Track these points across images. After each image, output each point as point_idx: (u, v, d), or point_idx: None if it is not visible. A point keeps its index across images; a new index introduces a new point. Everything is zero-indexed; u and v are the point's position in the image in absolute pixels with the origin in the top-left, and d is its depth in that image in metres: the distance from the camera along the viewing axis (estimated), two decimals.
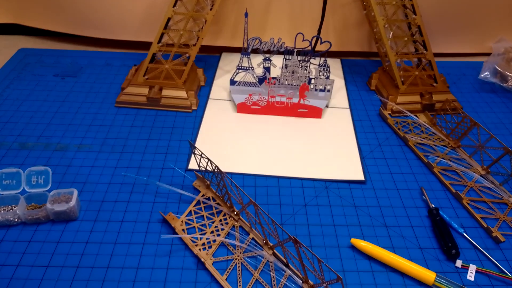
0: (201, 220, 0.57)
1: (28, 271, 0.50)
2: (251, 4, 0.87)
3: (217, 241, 0.54)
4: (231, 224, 0.56)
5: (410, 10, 0.78)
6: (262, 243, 0.54)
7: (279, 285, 0.50)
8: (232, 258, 0.53)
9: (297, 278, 0.50)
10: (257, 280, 0.50)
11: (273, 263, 0.52)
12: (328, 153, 0.69)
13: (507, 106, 0.82)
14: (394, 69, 0.78)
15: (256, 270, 0.51)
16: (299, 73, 0.71)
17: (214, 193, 0.60)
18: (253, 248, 0.54)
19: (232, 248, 0.54)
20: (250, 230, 0.56)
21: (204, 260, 0.52)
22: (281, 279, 0.50)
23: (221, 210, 0.58)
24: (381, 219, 0.59)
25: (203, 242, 0.54)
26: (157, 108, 0.78)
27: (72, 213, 0.56)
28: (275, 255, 0.53)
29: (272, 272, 0.51)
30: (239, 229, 0.56)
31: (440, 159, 0.68)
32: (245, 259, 0.52)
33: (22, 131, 0.71)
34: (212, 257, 0.52)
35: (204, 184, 0.61)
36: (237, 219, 0.57)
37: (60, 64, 0.89)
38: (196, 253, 0.52)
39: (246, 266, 0.52)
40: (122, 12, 0.89)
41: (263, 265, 0.52)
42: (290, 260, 0.50)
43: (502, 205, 0.61)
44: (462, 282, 0.51)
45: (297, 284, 0.50)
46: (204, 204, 0.59)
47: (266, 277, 0.51)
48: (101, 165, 0.65)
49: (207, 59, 0.93)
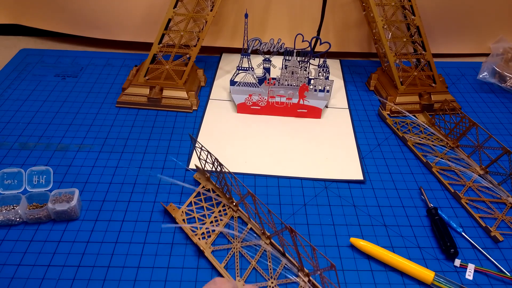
0: (201, 211, 0.58)
1: (29, 271, 0.51)
2: (251, 5, 0.87)
3: (216, 231, 0.55)
4: (230, 215, 0.57)
5: (409, 11, 0.79)
6: (260, 233, 0.55)
7: (275, 273, 0.51)
8: (230, 247, 0.54)
9: (293, 267, 0.51)
10: (254, 268, 0.52)
11: (270, 252, 0.53)
12: (328, 153, 0.70)
13: (505, 106, 0.82)
14: (393, 69, 0.79)
15: (253, 259, 0.52)
16: (299, 74, 0.72)
17: (214, 185, 0.61)
18: (251, 238, 0.55)
19: (231, 238, 0.55)
20: (249, 221, 0.57)
21: (203, 249, 0.53)
22: (278, 267, 0.51)
23: (220, 201, 0.59)
24: (380, 219, 0.59)
25: (202, 232, 0.55)
26: (158, 108, 0.78)
27: (73, 213, 0.56)
28: (272, 245, 0.54)
29: (269, 261, 0.52)
30: (237, 220, 0.57)
31: (439, 159, 0.68)
32: (243, 248, 0.54)
33: (23, 131, 0.71)
34: (211, 246, 0.54)
35: (204, 176, 0.63)
36: (235, 210, 0.58)
37: (61, 64, 0.90)
38: (195, 242, 0.54)
39: (244, 255, 0.53)
40: (123, 12, 0.89)
41: (261, 254, 0.53)
42: (287, 249, 0.51)
43: (501, 205, 0.61)
44: (460, 281, 0.51)
45: (293, 273, 0.51)
46: (204, 195, 0.60)
47: (263, 265, 0.52)
48: (102, 165, 0.65)
49: (207, 59, 0.93)
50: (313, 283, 0.50)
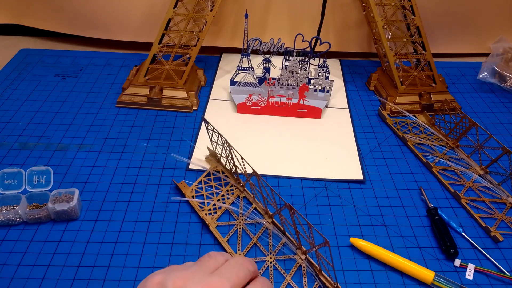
0: (210, 189, 0.62)
1: (29, 271, 0.51)
2: (251, 5, 0.87)
3: (222, 208, 0.59)
4: (236, 194, 0.61)
5: (409, 11, 0.79)
6: (263, 212, 0.58)
7: (274, 250, 0.54)
8: (234, 223, 0.57)
9: (291, 245, 0.54)
10: (255, 244, 0.55)
11: (271, 231, 0.56)
12: (328, 153, 0.70)
13: (505, 106, 0.82)
14: (393, 69, 0.79)
15: (255, 236, 0.55)
16: (299, 74, 0.72)
17: (223, 167, 0.65)
18: (255, 217, 0.58)
19: (235, 215, 0.58)
20: (253, 201, 0.60)
21: (209, 223, 0.56)
22: (277, 245, 0.54)
23: (228, 181, 0.63)
24: (380, 219, 0.59)
25: (209, 208, 0.59)
26: (158, 108, 0.78)
27: (73, 213, 0.56)
28: (273, 224, 0.57)
29: (270, 238, 0.55)
30: (243, 200, 0.60)
31: (439, 159, 0.68)
32: (246, 226, 0.57)
33: (23, 131, 0.71)
34: (216, 222, 0.57)
35: (215, 158, 0.66)
36: (242, 190, 0.61)
37: (61, 64, 0.90)
38: (202, 217, 0.57)
39: (246, 231, 0.56)
40: (123, 12, 0.89)
41: (262, 232, 0.56)
42: (287, 229, 0.54)
43: (501, 205, 0.61)
44: (460, 281, 0.51)
45: (292, 251, 0.54)
46: (214, 176, 0.64)
47: (264, 242, 0.55)
48: (102, 165, 0.65)
49: (207, 59, 0.93)
50: (308, 260, 0.52)
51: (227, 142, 0.57)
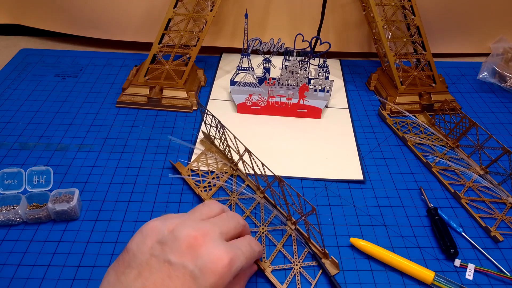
0: (204, 169, 0.65)
1: (29, 271, 0.51)
2: (251, 5, 0.87)
3: (217, 185, 0.62)
4: (230, 173, 0.64)
5: (409, 11, 0.79)
6: (255, 188, 0.62)
7: (266, 221, 0.57)
8: (228, 199, 0.61)
9: (282, 217, 0.58)
10: (248, 216, 0.58)
11: (263, 205, 0.60)
12: (328, 153, 0.70)
13: (505, 106, 0.82)
14: (393, 69, 0.79)
15: (248, 209, 0.59)
16: (299, 74, 0.72)
17: (217, 148, 0.68)
18: (247, 193, 0.62)
19: (229, 191, 0.62)
20: (246, 178, 0.63)
21: (204, 199, 0.59)
22: (269, 217, 0.58)
23: (222, 161, 0.66)
24: (380, 219, 0.59)
25: (204, 185, 0.62)
26: (158, 108, 0.78)
27: (73, 213, 0.56)
28: (265, 198, 0.60)
29: (262, 211, 0.59)
30: (236, 178, 0.64)
31: (439, 159, 0.68)
32: (239, 201, 0.60)
33: (23, 131, 0.71)
34: (212, 198, 0.60)
35: (209, 140, 0.69)
36: (235, 169, 0.65)
37: (61, 64, 0.90)
38: (197, 193, 0.60)
39: (239, 205, 0.60)
40: (123, 12, 0.89)
41: (254, 205, 0.60)
42: (278, 202, 0.58)
43: (501, 205, 0.61)
44: (460, 281, 0.51)
45: (282, 222, 0.57)
46: (209, 156, 0.67)
47: (256, 215, 0.59)
48: (102, 165, 0.66)
49: (207, 59, 0.93)
50: (298, 230, 0.55)
51: (220, 123, 0.60)
